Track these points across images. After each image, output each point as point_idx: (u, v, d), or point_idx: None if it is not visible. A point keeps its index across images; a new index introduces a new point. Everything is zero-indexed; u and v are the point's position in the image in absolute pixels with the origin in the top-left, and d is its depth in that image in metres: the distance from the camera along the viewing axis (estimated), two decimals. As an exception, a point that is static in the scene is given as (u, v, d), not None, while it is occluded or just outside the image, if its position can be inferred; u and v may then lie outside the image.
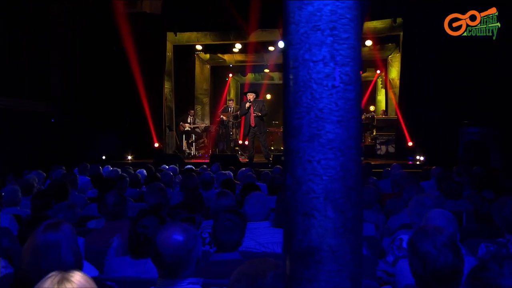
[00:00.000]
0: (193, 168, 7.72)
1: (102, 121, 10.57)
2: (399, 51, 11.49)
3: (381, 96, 14.93)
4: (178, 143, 12.64)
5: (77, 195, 4.90)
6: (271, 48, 12.74)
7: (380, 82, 15.16)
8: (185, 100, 13.40)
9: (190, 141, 12.83)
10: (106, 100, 10.63)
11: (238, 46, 12.67)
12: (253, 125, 9.79)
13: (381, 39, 12.27)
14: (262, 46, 12.81)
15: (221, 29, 11.89)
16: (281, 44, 12.32)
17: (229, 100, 12.79)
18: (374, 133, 12.04)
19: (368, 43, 12.13)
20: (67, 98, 10.19)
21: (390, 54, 13.35)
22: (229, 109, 12.56)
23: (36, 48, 9.26)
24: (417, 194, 3.40)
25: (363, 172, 4.18)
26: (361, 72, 1.01)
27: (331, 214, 0.88)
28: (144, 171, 7.04)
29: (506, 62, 8.28)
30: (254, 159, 10.06)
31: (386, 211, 4.30)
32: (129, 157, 10.56)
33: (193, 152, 12.47)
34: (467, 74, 9.05)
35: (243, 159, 10.35)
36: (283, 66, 0.99)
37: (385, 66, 13.77)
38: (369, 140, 12.50)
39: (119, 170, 7.17)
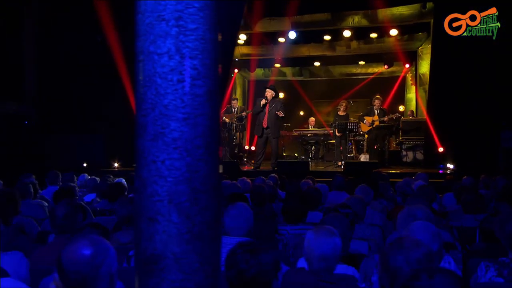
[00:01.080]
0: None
1: (84, 123, 10.72)
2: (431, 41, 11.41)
3: (411, 94, 14.86)
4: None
5: (36, 206, 4.98)
6: (281, 40, 12.81)
7: (410, 78, 15.08)
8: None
9: None
10: (88, 99, 10.76)
11: (242, 37, 12.76)
12: (265, 126, 9.88)
13: (409, 28, 12.25)
14: (270, 37, 12.90)
15: (223, 18, 12.01)
16: (292, 35, 12.40)
17: (233, 99, 12.82)
18: (400, 138, 11.96)
19: (393, 32, 12.12)
20: (42, 97, 10.38)
21: (421, 45, 13.29)
22: (233, 109, 12.59)
23: (7, 42, 9.47)
24: (409, 205, 3.47)
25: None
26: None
27: (176, 219, 0.94)
28: (124, 180, 7.14)
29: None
30: (261, 167, 10.15)
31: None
32: (116, 164, 10.68)
33: (191, 159, 12.59)
34: (510, 70, 8.98)
35: (249, 167, 10.35)
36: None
37: (414, 59, 13.69)
38: (394, 146, 12.41)
39: (97, 179, 7.29)
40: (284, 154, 14.77)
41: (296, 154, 14.27)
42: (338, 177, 6.23)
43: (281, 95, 16.77)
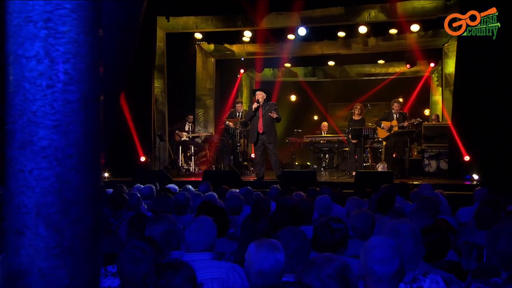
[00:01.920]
0: (172, 189, 7.85)
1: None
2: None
3: (437, 97, 14.77)
4: (173, 156, 12.89)
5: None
6: (290, 37, 12.86)
7: (436, 79, 15.00)
8: (182, 103, 13.67)
9: (188, 154, 13.04)
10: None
11: (247, 34, 12.85)
12: (261, 131, 9.91)
13: (432, 23, 12.15)
14: (278, 34, 12.96)
15: (225, 13, 12.09)
16: (301, 31, 12.45)
17: (237, 102, 12.93)
18: (423, 145, 11.89)
19: (415, 28, 12.06)
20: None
21: (446, 42, 13.19)
22: (237, 114, 12.76)
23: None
24: (392, 219, 3.48)
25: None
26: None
27: (43, 232, 0.98)
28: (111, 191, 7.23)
29: None
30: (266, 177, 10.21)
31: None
32: (106, 174, 10.81)
33: (192, 167, 12.68)
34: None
35: (254, 177, 10.45)
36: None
37: (440, 57, 13.64)
38: (415, 154, 12.34)
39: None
40: (295, 163, 14.85)
41: (308, 163, 14.30)
42: (325, 189, 6.32)
43: (293, 97, 16.97)
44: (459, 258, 4.02)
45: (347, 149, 12.12)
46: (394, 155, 11.36)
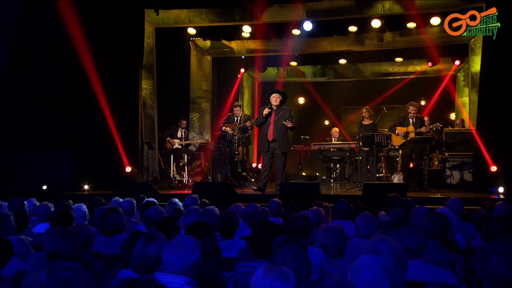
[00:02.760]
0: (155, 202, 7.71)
1: (46, 135, 10.77)
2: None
3: (464, 98, 14.56)
4: (163, 166, 12.81)
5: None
6: (295, 32, 12.72)
7: (463, 78, 14.76)
8: (175, 106, 13.57)
9: (181, 163, 12.95)
10: (52, 106, 10.85)
11: (246, 29, 12.67)
12: (271, 139, 9.92)
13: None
14: (281, 29, 12.80)
15: (221, 5, 11.98)
16: (307, 26, 12.29)
17: (235, 106, 12.74)
18: (446, 154, 11.64)
19: (435, 21, 11.80)
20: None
21: (473, 37, 12.91)
22: (235, 118, 12.63)
23: None
24: (374, 236, 3.49)
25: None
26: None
27: None
28: (84, 206, 7.09)
29: None
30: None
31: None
32: (86, 187, 10.70)
33: (185, 179, 12.60)
34: None
35: (255, 190, 10.32)
36: None
37: (466, 54, 13.37)
38: (436, 163, 12.09)
39: (50, 205, 7.26)
40: (302, 173, 14.71)
41: (317, 174, 14.15)
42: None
43: (301, 100, 16.77)
44: (459, 281, 3.83)
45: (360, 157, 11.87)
46: (411, 165, 11.14)
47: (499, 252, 2.73)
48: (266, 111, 9.88)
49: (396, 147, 11.42)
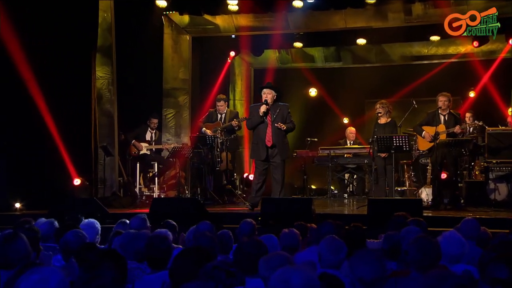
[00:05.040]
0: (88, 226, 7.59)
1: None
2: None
3: (523, 87, 14.29)
4: (125, 178, 12.70)
5: None
6: (296, 3, 12.60)
7: (520, 62, 14.53)
8: (142, 100, 13.50)
9: (150, 174, 12.82)
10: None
11: (233, 1, 12.55)
12: (270, 144, 9.97)
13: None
14: (279, 1, 12.64)
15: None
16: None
17: (218, 100, 12.56)
18: (493, 161, 11.40)
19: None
20: None
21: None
22: (218, 116, 12.52)
23: None
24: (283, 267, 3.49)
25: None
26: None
27: None
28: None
29: None
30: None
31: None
32: (18, 205, 10.58)
33: (155, 193, 12.52)
34: None
35: (250, 209, 10.20)
36: None
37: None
38: (477, 173, 11.88)
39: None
40: (311, 186, 14.73)
41: (333, 187, 14.03)
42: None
43: (313, 92, 16.59)
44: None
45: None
46: (443, 176, 10.91)
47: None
48: (263, 108, 9.87)
49: (422, 152, 11.26)
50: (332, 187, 13.98)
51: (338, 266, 4.65)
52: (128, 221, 7.58)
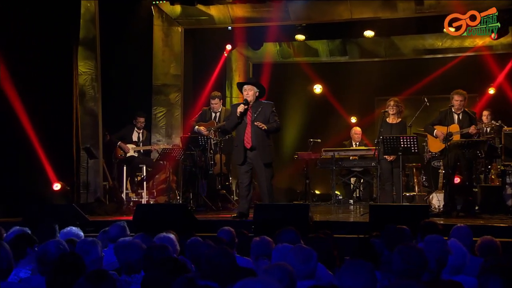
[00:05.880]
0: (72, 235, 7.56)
1: None
2: None
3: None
4: (111, 182, 12.70)
5: None
6: (297, -10, 12.59)
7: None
8: (129, 98, 13.52)
9: (138, 178, 12.84)
10: None
11: (226, -9, 12.58)
12: (249, 146, 9.80)
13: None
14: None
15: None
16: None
17: (213, 97, 12.50)
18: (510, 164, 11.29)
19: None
20: None
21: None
22: (213, 114, 12.50)
23: None
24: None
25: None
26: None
27: None
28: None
29: None
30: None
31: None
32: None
33: (143, 199, 12.45)
34: None
35: (234, 217, 10.04)
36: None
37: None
38: (493, 177, 11.86)
39: None
40: (315, 191, 14.90)
41: (338, 193, 13.93)
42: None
43: (317, 88, 16.52)
44: None
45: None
46: (456, 180, 10.86)
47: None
48: (241, 108, 9.73)
49: (434, 154, 11.30)
50: (337, 192, 13.97)
51: (311, 276, 4.67)
52: (107, 229, 7.58)
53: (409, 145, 10.43)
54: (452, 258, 5.04)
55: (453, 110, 10.59)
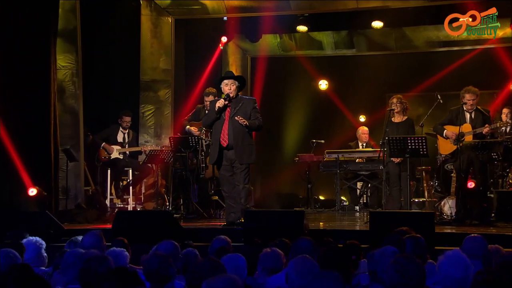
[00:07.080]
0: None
1: None
2: None
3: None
4: (93, 187, 12.77)
5: None
6: (297, -20, 12.62)
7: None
8: (114, 95, 13.62)
9: (123, 182, 12.95)
10: None
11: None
12: (225, 144, 9.87)
13: None
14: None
15: None
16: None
17: (207, 94, 12.50)
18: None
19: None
20: None
21: None
22: (206, 113, 12.41)
23: None
24: None
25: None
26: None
27: None
28: None
29: None
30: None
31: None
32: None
33: (129, 205, 12.56)
34: None
35: (223, 226, 10.27)
36: None
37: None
38: (510, 181, 11.79)
39: None
40: (319, 197, 14.89)
41: (344, 198, 13.98)
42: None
43: (323, 84, 16.59)
44: None
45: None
46: (470, 185, 10.90)
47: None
48: (220, 103, 9.81)
49: (444, 156, 11.39)
50: (343, 198, 13.99)
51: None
52: (79, 238, 7.61)
53: (417, 147, 10.43)
54: (453, 270, 5.01)
55: (464, 108, 10.66)
